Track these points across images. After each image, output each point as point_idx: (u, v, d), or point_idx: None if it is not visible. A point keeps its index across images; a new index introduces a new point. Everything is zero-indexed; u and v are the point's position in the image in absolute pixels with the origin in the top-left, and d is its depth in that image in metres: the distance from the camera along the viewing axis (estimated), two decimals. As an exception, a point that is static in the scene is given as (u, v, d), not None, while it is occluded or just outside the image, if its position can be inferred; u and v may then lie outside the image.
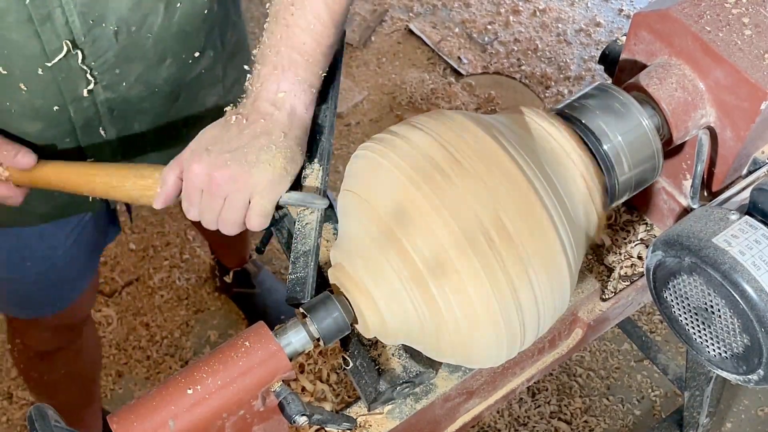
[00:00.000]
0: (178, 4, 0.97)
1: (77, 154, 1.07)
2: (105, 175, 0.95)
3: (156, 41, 0.98)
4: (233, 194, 0.85)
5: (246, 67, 0.95)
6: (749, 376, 0.78)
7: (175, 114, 1.12)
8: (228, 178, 0.84)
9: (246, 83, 0.91)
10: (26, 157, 0.98)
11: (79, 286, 1.38)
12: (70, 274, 1.32)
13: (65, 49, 0.92)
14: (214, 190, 0.86)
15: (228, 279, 2.05)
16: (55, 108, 0.99)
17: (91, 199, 1.13)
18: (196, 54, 1.06)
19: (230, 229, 0.89)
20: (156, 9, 0.95)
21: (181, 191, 0.90)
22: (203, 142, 0.87)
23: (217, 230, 0.91)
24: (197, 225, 1.92)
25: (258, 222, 0.87)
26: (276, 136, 0.86)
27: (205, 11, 1.02)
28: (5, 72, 0.93)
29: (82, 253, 1.31)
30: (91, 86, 0.98)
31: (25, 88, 0.95)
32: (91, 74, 0.97)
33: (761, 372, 0.77)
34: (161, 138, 1.13)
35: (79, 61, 0.94)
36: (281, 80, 0.88)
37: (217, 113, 0.92)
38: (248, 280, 2.05)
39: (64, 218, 1.20)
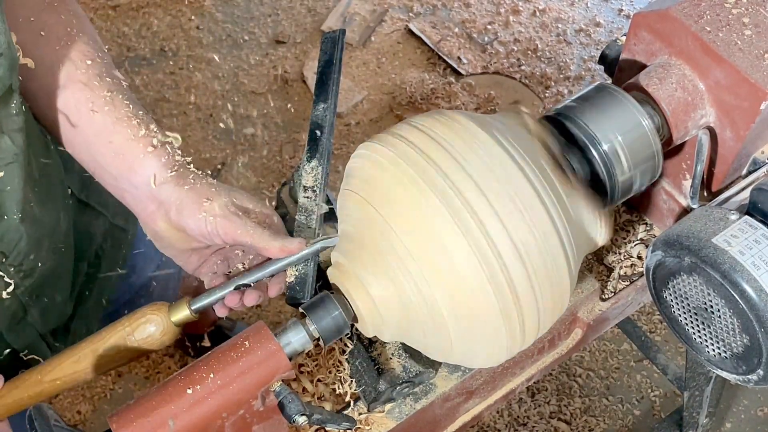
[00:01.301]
0: (48, 166, 0.91)
1: (9, 358, 0.95)
2: (110, 346, 0.82)
3: (47, 207, 0.91)
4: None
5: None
6: (749, 376, 0.78)
7: (81, 266, 1.06)
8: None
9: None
10: None
11: None
12: None
13: None
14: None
15: (206, 343, 1.96)
16: None
17: None
18: (70, 191, 1.01)
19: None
20: (32, 179, 0.86)
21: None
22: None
23: None
24: None
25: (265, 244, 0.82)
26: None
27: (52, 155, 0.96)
28: None
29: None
30: (11, 288, 0.88)
31: None
32: (8, 275, 0.87)
33: (761, 372, 0.77)
34: (79, 297, 1.07)
35: None
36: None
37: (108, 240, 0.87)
38: (224, 336, 1.96)
39: None
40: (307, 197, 0.86)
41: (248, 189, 2.30)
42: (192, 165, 0.84)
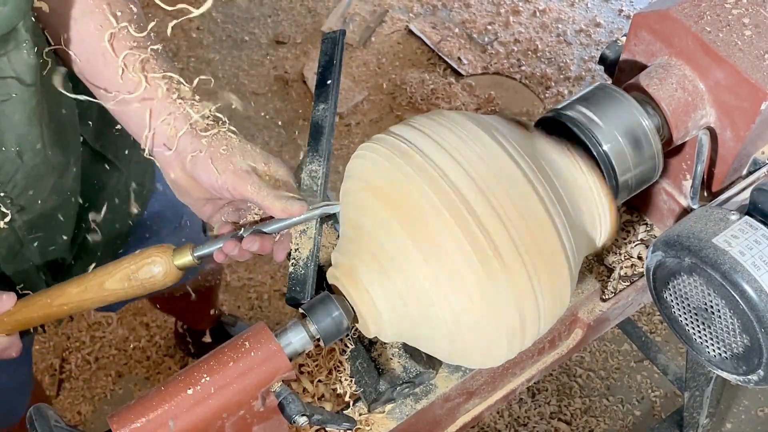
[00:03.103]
0: (63, 111, 0.94)
1: (5, 283, 1.00)
2: (114, 280, 0.86)
3: (56, 150, 0.94)
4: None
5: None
6: (749, 377, 0.78)
7: (87, 215, 1.09)
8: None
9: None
10: (4, 299, 0.89)
11: (25, 397, 1.35)
12: (17, 387, 1.29)
13: None
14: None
15: (207, 339, 1.94)
16: None
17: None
18: (83, 139, 1.03)
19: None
20: (44, 119, 0.90)
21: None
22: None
23: (178, 303, 0.84)
24: (160, 302, 1.88)
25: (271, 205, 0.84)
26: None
27: (77, 110, 1.00)
28: None
29: (26, 365, 1.28)
30: (8, 218, 0.92)
31: None
32: (4, 205, 0.91)
33: (761, 372, 0.77)
34: (82, 244, 1.10)
35: None
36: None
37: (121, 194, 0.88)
38: (227, 334, 1.97)
39: None
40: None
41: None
42: (220, 121, 0.86)
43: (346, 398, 0.89)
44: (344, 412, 0.89)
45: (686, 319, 0.81)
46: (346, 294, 0.78)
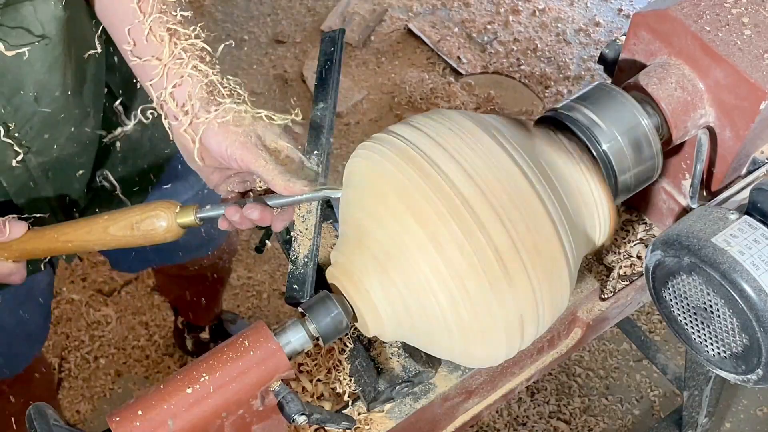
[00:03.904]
0: (88, 62, 0.97)
1: (17, 214, 1.02)
2: (118, 226, 0.89)
3: (76, 99, 0.97)
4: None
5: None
6: (748, 376, 0.78)
7: (110, 164, 1.11)
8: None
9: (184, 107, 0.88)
10: (16, 227, 0.92)
11: (34, 346, 1.37)
12: (23, 333, 1.30)
13: None
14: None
15: (205, 335, 1.96)
16: None
17: (42, 266, 1.10)
18: (116, 103, 1.06)
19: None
20: (68, 69, 0.94)
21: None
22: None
23: (184, 286, 0.86)
24: (162, 288, 1.88)
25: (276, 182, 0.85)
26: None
27: (105, 64, 1.03)
28: None
29: (36, 311, 1.29)
30: (20, 156, 0.96)
31: None
32: (18, 145, 0.95)
33: (760, 372, 0.77)
34: (98, 190, 1.12)
35: (2, 135, 0.92)
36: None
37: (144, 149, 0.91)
38: (226, 333, 1.97)
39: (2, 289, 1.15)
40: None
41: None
42: (236, 93, 0.88)
43: (345, 397, 0.89)
44: (343, 411, 0.89)
45: (685, 318, 0.81)
46: (345, 293, 0.78)
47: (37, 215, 1.03)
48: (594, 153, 0.83)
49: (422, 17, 2.77)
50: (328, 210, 0.95)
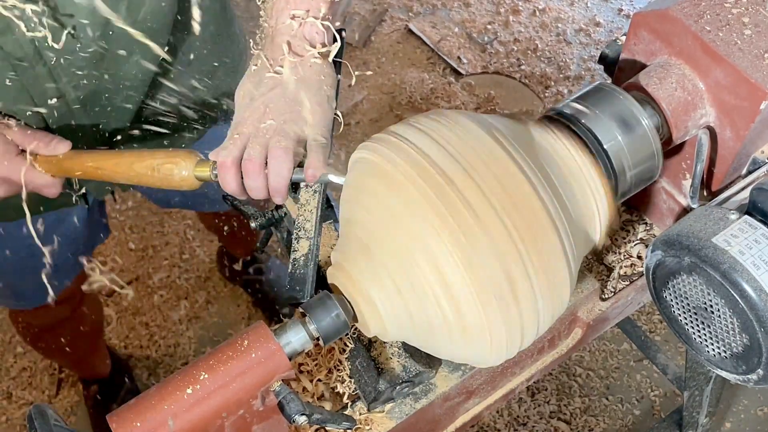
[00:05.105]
0: (143, 5, 0.98)
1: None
2: (142, 165, 0.95)
3: (120, 39, 0.99)
4: (283, 134, 0.87)
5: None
6: (748, 376, 0.78)
7: (146, 105, 1.13)
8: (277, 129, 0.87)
9: (261, 21, 0.92)
10: (61, 144, 1.00)
11: (63, 281, 1.41)
12: (53, 265, 1.33)
13: (31, 55, 0.94)
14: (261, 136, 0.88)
15: (237, 266, 2.06)
16: (28, 113, 1.01)
17: (74, 199, 1.15)
18: (166, 49, 1.07)
19: (284, 176, 0.88)
20: (117, 8, 0.95)
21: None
22: (242, 103, 0.90)
23: (226, 221, 0.89)
24: (205, 218, 1.93)
25: (314, 159, 0.87)
26: (303, 68, 0.88)
27: (171, 13, 1.03)
28: None
29: (66, 247, 1.32)
30: (59, 90, 1.00)
31: None
32: (59, 79, 0.98)
33: (760, 371, 0.77)
34: (138, 130, 1.15)
35: (45, 66, 0.95)
36: (294, 10, 0.89)
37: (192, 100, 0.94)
38: (257, 268, 2.06)
39: (40, 214, 1.21)
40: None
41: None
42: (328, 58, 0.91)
43: (346, 398, 0.89)
44: (344, 411, 0.89)
45: (686, 318, 0.81)
46: (345, 293, 0.78)
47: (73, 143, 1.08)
48: (594, 153, 0.83)
49: (422, 17, 2.77)
50: (328, 210, 0.95)
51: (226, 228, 1.82)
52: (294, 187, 0.91)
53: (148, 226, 2.26)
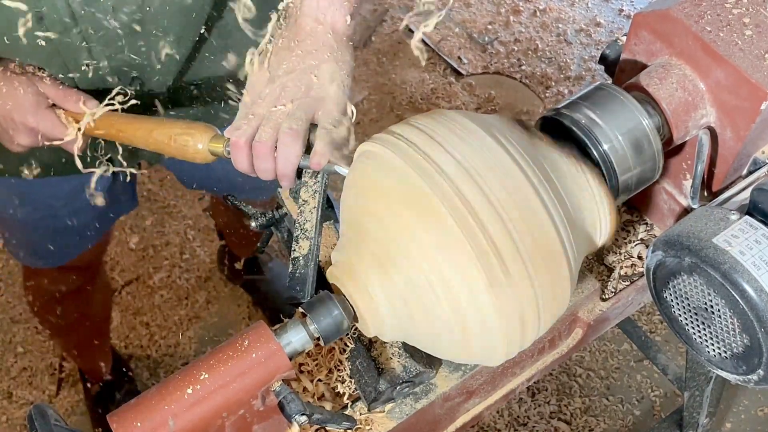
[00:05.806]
0: None
1: None
2: (161, 133, 0.97)
3: (156, 16, 1.00)
4: (297, 113, 0.87)
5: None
6: (749, 376, 0.78)
7: (180, 78, 1.14)
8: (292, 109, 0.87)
9: (283, 3, 0.92)
10: (90, 102, 1.02)
11: (83, 243, 1.44)
12: (73, 227, 1.37)
13: (64, 24, 0.95)
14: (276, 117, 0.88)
15: (238, 266, 2.06)
16: (60, 76, 1.03)
17: (98, 164, 1.16)
18: (202, 31, 1.08)
19: (292, 161, 0.88)
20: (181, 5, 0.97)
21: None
22: (260, 78, 0.90)
23: (232, 218, 0.89)
24: (213, 212, 1.94)
25: (321, 146, 0.87)
26: (322, 53, 0.89)
27: None
28: (10, 46, 0.96)
29: (87, 210, 1.33)
30: (92, 57, 1.01)
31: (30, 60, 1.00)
32: (92, 47, 1.00)
33: (761, 372, 0.77)
34: (169, 100, 1.16)
35: (79, 33, 0.97)
36: None
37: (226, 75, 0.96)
38: (259, 268, 2.07)
39: (63, 175, 1.21)
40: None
41: (248, 189, 2.30)
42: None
43: (346, 398, 0.89)
44: (344, 411, 0.89)
45: (686, 318, 0.81)
46: (346, 293, 0.78)
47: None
48: (595, 153, 0.83)
49: (423, 17, 2.77)
50: (328, 210, 0.95)
51: (233, 224, 1.83)
52: (298, 172, 0.91)
53: (148, 227, 2.26)
